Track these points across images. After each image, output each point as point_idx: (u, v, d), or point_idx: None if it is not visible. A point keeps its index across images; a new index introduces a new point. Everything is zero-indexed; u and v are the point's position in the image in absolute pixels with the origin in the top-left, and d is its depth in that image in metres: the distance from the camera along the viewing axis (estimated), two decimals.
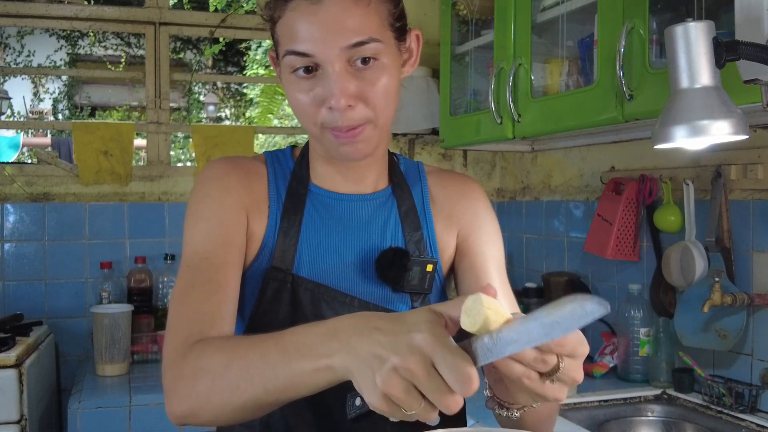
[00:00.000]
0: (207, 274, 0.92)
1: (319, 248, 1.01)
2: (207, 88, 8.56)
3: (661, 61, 1.55)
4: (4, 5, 2.55)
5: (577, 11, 1.87)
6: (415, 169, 1.11)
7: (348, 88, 0.89)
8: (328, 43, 0.88)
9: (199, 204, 0.99)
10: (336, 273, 1.00)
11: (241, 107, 8.46)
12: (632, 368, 2.03)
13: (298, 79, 0.92)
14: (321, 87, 0.91)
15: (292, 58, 0.91)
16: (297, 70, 0.91)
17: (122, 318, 2.23)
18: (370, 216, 1.04)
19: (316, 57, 0.89)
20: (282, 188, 1.03)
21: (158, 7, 2.69)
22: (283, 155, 1.08)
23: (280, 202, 1.02)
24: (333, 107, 0.90)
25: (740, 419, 1.69)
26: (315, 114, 0.92)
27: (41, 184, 2.52)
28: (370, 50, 0.90)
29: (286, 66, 0.93)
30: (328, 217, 1.02)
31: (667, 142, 1.09)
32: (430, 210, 1.07)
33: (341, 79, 0.89)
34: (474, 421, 1.70)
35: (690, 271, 1.83)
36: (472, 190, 1.11)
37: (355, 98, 0.90)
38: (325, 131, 0.93)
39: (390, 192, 1.06)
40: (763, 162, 1.74)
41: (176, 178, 2.66)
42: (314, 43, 0.88)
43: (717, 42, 1.05)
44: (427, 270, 0.99)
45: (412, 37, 1.00)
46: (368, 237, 1.02)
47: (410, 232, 1.04)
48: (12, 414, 1.89)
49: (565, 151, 2.49)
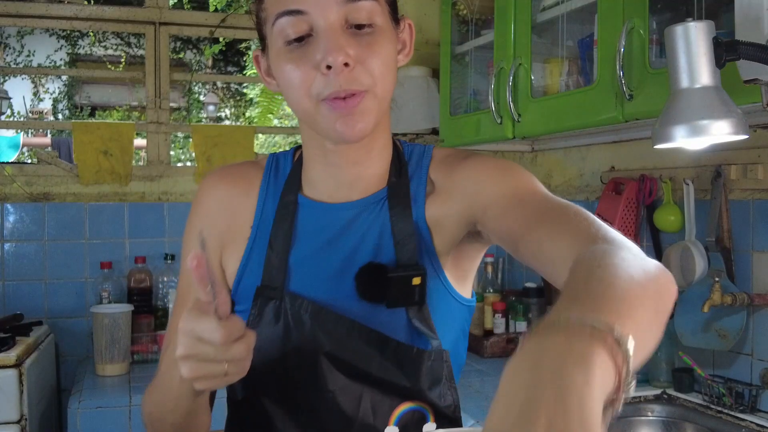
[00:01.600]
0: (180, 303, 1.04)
1: (309, 263, 0.96)
2: (207, 88, 8.55)
3: (661, 61, 1.55)
4: (4, 5, 2.55)
5: (577, 11, 1.88)
6: (420, 155, 1.01)
7: (345, 47, 0.82)
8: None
9: (186, 225, 1.04)
10: (326, 287, 0.95)
11: (241, 107, 8.45)
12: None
13: (290, 51, 0.85)
14: (316, 50, 0.83)
15: (285, 20, 0.84)
16: (289, 39, 0.85)
17: (122, 318, 2.23)
18: (359, 226, 0.96)
19: (310, 14, 0.83)
20: (273, 200, 1.00)
21: (158, 7, 2.69)
22: (284, 158, 1.04)
23: (270, 216, 0.99)
24: (331, 64, 0.82)
25: (740, 419, 1.69)
26: (308, 85, 0.84)
27: (41, 184, 2.52)
28: (367, 8, 0.84)
29: (277, 36, 0.86)
30: (318, 229, 0.97)
31: (667, 141, 1.09)
32: (423, 205, 0.96)
33: (338, 35, 0.83)
34: (474, 421, 1.70)
35: (690, 270, 1.83)
36: (468, 154, 0.99)
37: (354, 59, 0.83)
38: (320, 105, 0.85)
39: (384, 195, 0.97)
40: (763, 162, 1.74)
41: (176, 178, 2.66)
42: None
43: (717, 42, 1.05)
44: (414, 283, 0.90)
45: (406, 26, 0.95)
46: (357, 248, 0.95)
47: (399, 240, 0.94)
48: (12, 414, 1.89)
49: (565, 151, 2.49)
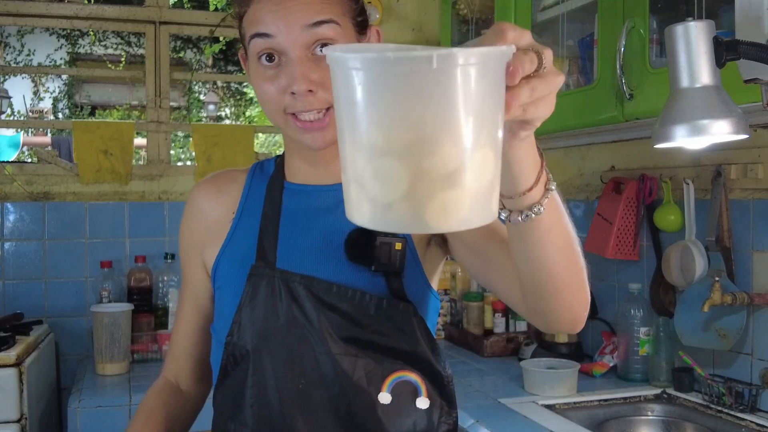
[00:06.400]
0: (179, 307, 1.19)
1: (296, 242, 1.04)
2: (207, 87, 8.56)
3: (661, 61, 1.55)
4: (4, 4, 2.55)
5: (578, 11, 1.88)
6: None
7: (308, 74, 0.94)
8: (289, 22, 0.93)
9: (179, 234, 1.18)
10: (313, 262, 1.02)
11: (241, 106, 8.46)
12: (632, 368, 2.03)
13: (263, 69, 0.96)
14: (284, 75, 0.95)
15: (256, 41, 0.95)
16: (261, 57, 0.96)
17: (122, 317, 2.23)
18: (340, 202, 1.03)
19: (278, 37, 0.94)
20: (259, 192, 1.10)
21: (158, 6, 2.69)
22: (268, 162, 1.15)
23: (258, 205, 1.08)
24: (295, 92, 0.94)
25: (740, 419, 1.69)
26: (279, 101, 0.96)
27: (41, 183, 2.52)
28: (330, 32, 0.94)
29: (252, 54, 0.97)
30: (303, 210, 1.06)
31: (668, 141, 1.09)
32: None
33: (302, 64, 0.94)
34: (473, 421, 1.70)
35: (690, 270, 1.83)
36: None
37: (317, 84, 0.94)
38: (288, 119, 0.97)
39: None
40: (763, 161, 1.75)
41: (176, 177, 2.66)
42: (276, 24, 0.93)
43: (717, 41, 1.05)
44: (396, 248, 0.99)
45: (373, 33, 1.04)
46: (338, 222, 1.02)
47: None
48: (12, 413, 1.90)
49: (565, 151, 2.49)
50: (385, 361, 0.98)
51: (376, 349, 0.98)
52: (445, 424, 1.00)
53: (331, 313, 0.98)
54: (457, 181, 0.54)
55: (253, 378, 0.99)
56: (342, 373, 0.96)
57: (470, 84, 0.53)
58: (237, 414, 1.00)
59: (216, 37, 3.02)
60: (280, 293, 1.00)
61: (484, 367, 2.22)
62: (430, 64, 0.51)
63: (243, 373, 1.00)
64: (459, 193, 0.55)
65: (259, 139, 6.77)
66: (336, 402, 0.96)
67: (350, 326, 0.98)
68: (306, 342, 0.97)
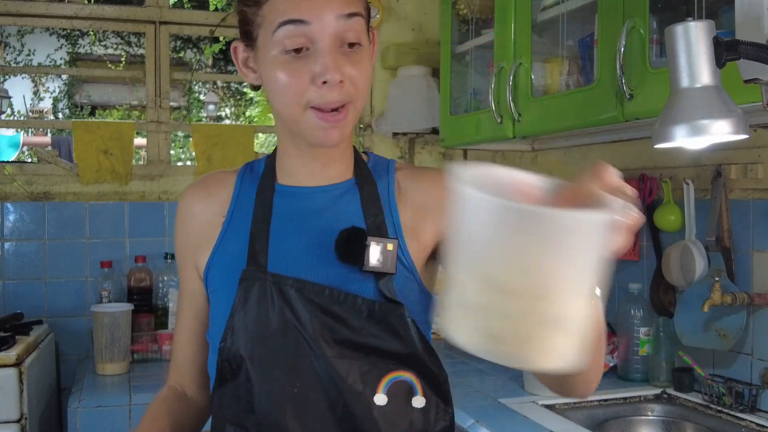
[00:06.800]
0: (178, 314, 1.17)
1: (287, 244, 1.03)
2: (207, 87, 8.56)
3: (661, 61, 1.55)
4: (4, 4, 2.55)
5: (578, 10, 1.87)
6: (385, 165, 1.11)
7: (341, 65, 0.94)
8: (325, 10, 0.93)
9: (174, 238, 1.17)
10: (303, 264, 1.01)
11: (241, 106, 8.46)
12: (632, 368, 2.03)
13: (287, 59, 0.95)
14: (314, 63, 0.94)
15: (288, 28, 0.94)
16: (287, 46, 0.94)
17: (122, 317, 2.23)
18: (332, 203, 1.05)
19: (313, 25, 0.93)
20: (250, 195, 1.09)
21: (158, 6, 2.69)
22: (258, 162, 1.14)
23: (249, 207, 1.07)
24: (328, 81, 0.93)
25: (740, 419, 1.69)
26: (302, 92, 0.95)
27: (41, 183, 2.53)
28: (357, 25, 0.96)
29: (275, 42, 0.95)
30: (294, 212, 1.05)
31: (668, 141, 1.08)
32: (395, 198, 1.06)
33: (334, 54, 0.94)
34: (473, 421, 1.70)
35: (690, 270, 1.83)
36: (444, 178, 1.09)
37: (346, 77, 0.95)
38: (307, 112, 0.96)
39: (353, 182, 1.07)
40: (763, 161, 1.75)
41: (176, 177, 2.66)
42: (312, 11, 0.93)
43: (717, 41, 1.05)
44: (388, 249, 0.98)
45: (373, 35, 1.05)
46: (329, 223, 1.02)
47: (371, 216, 1.04)
48: (12, 413, 1.90)
49: (566, 151, 2.49)
50: (379, 362, 0.98)
51: (370, 352, 0.98)
52: (442, 421, 1.00)
53: (324, 317, 0.97)
54: (565, 326, 0.60)
55: (248, 383, 0.98)
56: (337, 376, 0.96)
57: (593, 244, 0.59)
58: (234, 419, 1.00)
59: (216, 37, 3.02)
60: (272, 297, 0.99)
61: (483, 367, 2.22)
62: (563, 224, 0.56)
63: (238, 378, 0.99)
64: (564, 338, 0.60)
65: (259, 139, 6.77)
66: (332, 405, 0.96)
67: (344, 329, 0.97)
68: (300, 346, 0.97)
